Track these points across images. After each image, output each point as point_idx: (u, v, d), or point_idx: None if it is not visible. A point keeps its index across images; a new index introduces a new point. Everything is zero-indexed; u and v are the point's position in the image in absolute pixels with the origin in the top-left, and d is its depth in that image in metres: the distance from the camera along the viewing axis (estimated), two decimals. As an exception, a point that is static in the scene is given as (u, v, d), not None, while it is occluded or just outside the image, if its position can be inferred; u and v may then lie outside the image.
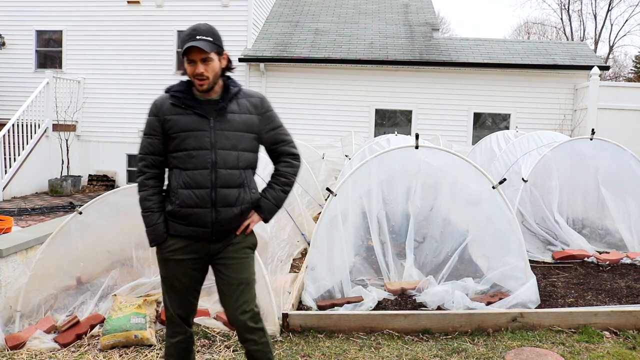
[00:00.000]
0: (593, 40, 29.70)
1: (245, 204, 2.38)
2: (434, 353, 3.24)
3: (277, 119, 2.51)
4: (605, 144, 5.86)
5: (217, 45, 2.37)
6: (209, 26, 2.38)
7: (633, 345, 3.37)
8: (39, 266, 3.70)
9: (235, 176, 2.35)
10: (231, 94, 2.38)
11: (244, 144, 2.38)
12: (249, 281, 2.40)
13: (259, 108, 2.44)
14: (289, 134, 2.52)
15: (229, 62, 2.46)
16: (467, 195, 4.46)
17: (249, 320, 2.36)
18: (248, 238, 2.46)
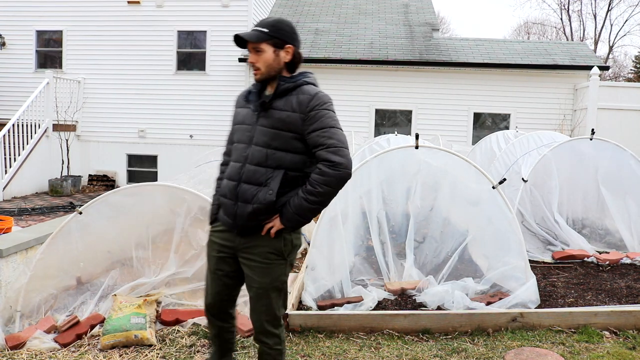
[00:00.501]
0: (593, 40, 29.72)
1: (258, 204, 2.25)
2: (434, 353, 3.24)
3: (323, 119, 2.24)
4: (605, 144, 5.86)
5: (272, 37, 2.27)
6: (274, 19, 2.33)
7: (633, 345, 3.37)
8: (39, 266, 3.70)
9: (259, 174, 2.28)
10: (280, 89, 2.30)
11: (278, 143, 2.27)
12: (270, 287, 2.33)
13: (304, 106, 2.26)
14: (332, 137, 2.22)
15: (295, 57, 2.34)
16: (467, 195, 4.46)
17: (265, 323, 2.36)
18: (273, 242, 2.30)
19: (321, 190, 2.21)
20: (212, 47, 11.34)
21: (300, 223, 2.28)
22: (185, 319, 3.57)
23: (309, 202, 2.22)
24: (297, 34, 2.38)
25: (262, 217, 2.27)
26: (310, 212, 2.25)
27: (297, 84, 2.31)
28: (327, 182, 2.20)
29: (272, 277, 2.33)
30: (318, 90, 2.32)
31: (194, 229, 3.87)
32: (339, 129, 2.26)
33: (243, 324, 3.50)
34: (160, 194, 3.94)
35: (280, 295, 2.38)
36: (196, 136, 11.41)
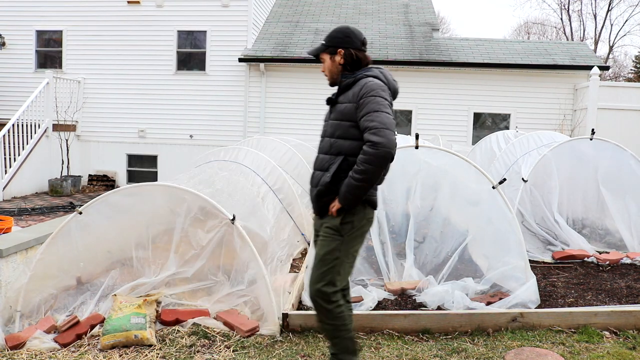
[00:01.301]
0: (593, 40, 29.71)
1: (321, 186, 2.61)
2: (434, 353, 3.24)
3: (370, 104, 2.51)
4: (605, 144, 5.86)
5: (327, 46, 2.72)
6: (333, 29, 2.73)
7: (633, 345, 3.37)
8: (39, 266, 3.70)
9: (324, 161, 2.67)
10: (341, 86, 2.68)
11: (340, 132, 2.62)
12: (323, 259, 2.59)
13: (356, 96, 2.57)
14: (374, 120, 2.47)
15: (345, 58, 2.69)
16: (467, 195, 4.46)
17: (314, 294, 2.60)
18: (333, 220, 2.59)
19: (364, 169, 2.45)
20: (212, 47, 11.33)
21: (352, 201, 2.52)
22: (185, 319, 3.57)
23: (355, 180, 2.47)
24: (352, 36, 2.71)
25: (324, 198, 2.60)
26: (358, 189, 2.49)
27: (356, 79, 2.63)
28: (368, 160, 2.44)
29: (326, 250, 2.59)
30: (369, 80, 2.59)
31: (194, 229, 3.87)
32: (382, 112, 2.49)
33: (243, 323, 3.50)
34: (160, 194, 3.94)
35: (329, 271, 2.57)
36: (196, 136, 11.41)
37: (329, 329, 2.63)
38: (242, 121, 11.35)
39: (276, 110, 11.29)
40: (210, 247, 3.82)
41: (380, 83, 2.58)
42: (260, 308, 3.65)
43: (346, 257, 2.61)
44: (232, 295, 3.76)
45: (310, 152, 8.65)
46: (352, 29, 2.74)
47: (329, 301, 2.57)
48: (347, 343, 2.67)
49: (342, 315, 2.61)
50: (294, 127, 11.11)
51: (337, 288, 2.60)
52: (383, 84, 2.61)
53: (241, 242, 3.72)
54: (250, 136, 10.75)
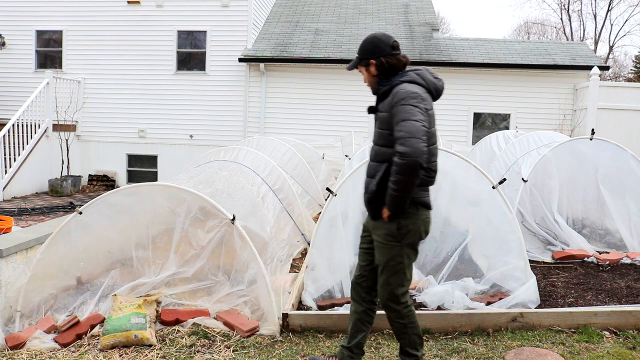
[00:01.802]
0: (593, 40, 29.71)
1: (369, 193, 2.71)
2: (434, 353, 3.24)
3: (400, 114, 2.55)
4: (605, 144, 5.85)
5: (361, 59, 2.78)
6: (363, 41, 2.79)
7: (633, 345, 3.37)
8: (39, 266, 3.70)
9: (372, 168, 2.75)
10: (379, 93, 2.74)
11: (382, 140, 2.70)
12: (387, 265, 2.69)
13: (390, 105, 2.62)
14: (402, 129, 2.50)
15: (377, 67, 2.74)
16: (467, 195, 4.46)
17: (384, 298, 2.74)
18: (388, 226, 2.67)
19: (395, 179, 2.52)
20: (212, 47, 11.33)
21: (396, 209, 2.59)
22: (185, 319, 3.57)
23: (392, 191, 2.55)
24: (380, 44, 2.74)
25: (374, 204, 2.69)
26: (397, 199, 2.56)
27: (392, 86, 2.68)
28: (397, 171, 2.50)
29: (388, 257, 2.69)
30: (402, 87, 2.61)
31: (194, 229, 3.87)
32: (411, 121, 2.51)
33: (243, 323, 3.50)
34: (160, 194, 3.93)
35: (397, 275, 2.69)
36: (196, 136, 11.41)
37: (398, 326, 2.77)
38: (242, 121, 11.35)
39: (276, 110, 11.29)
40: (210, 247, 3.83)
41: (411, 89, 2.59)
42: (260, 308, 3.65)
43: (408, 258, 2.71)
44: (232, 295, 3.76)
45: (310, 152, 8.66)
46: (379, 36, 2.76)
47: (398, 302, 2.72)
48: (414, 338, 2.80)
49: (410, 314, 2.76)
50: (294, 127, 11.11)
51: (406, 288, 2.75)
52: (418, 87, 2.64)
53: (241, 242, 3.72)
54: (250, 136, 10.76)
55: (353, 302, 2.93)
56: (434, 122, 2.72)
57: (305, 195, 6.98)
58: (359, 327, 2.90)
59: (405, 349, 2.82)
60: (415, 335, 2.80)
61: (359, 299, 2.91)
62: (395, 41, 2.77)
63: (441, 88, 2.78)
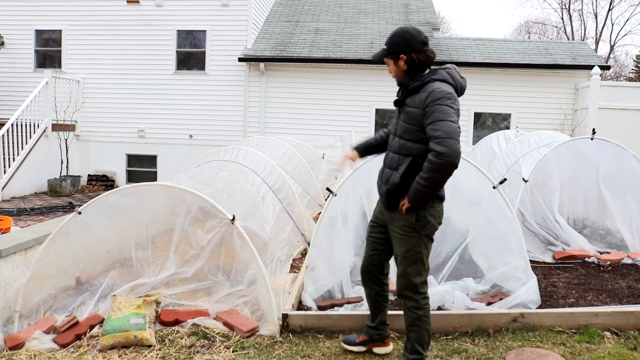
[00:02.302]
0: (594, 39, 29.70)
1: (390, 185, 2.80)
2: (435, 353, 3.23)
3: (436, 113, 2.61)
4: (606, 144, 5.84)
5: (389, 52, 2.79)
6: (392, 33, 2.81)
7: (634, 346, 3.36)
8: (38, 266, 3.69)
9: (394, 160, 2.83)
10: (408, 89, 2.78)
11: (408, 135, 2.76)
12: (406, 256, 2.80)
13: (423, 103, 2.67)
14: (439, 129, 2.58)
15: (407, 63, 2.75)
16: (467, 195, 4.44)
17: (402, 287, 2.84)
18: (407, 217, 2.78)
19: (428, 177, 2.61)
20: (212, 46, 11.32)
21: (420, 203, 2.71)
22: (185, 319, 3.56)
23: (421, 186, 2.64)
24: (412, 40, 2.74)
25: (393, 196, 2.79)
26: (423, 194, 2.67)
27: (423, 82, 2.72)
28: (432, 169, 2.59)
29: (407, 247, 2.79)
30: (437, 86, 2.66)
31: (193, 229, 3.86)
32: (448, 121, 2.58)
33: (242, 324, 3.49)
34: (160, 194, 3.92)
35: (415, 264, 2.80)
36: (196, 136, 11.39)
37: (413, 318, 2.83)
38: (242, 121, 11.34)
39: (276, 110, 11.28)
40: (210, 247, 3.81)
41: (446, 89, 2.65)
42: (260, 308, 3.63)
43: (426, 248, 2.83)
44: (231, 296, 3.75)
45: (310, 152, 8.64)
46: (411, 31, 2.77)
47: (417, 292, 2.82)
48: (424, 335, 2.86)
49: (426, 307, 2.84)
50: (294, 127, 11.10)
51: (424, 278, 2.84)
52: (450, 87, 2.70)
53: (241, 242, 3.71)
54: (250, 136, 10.75)
55: (365, 287, 3.12)
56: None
57: (305, 195, 6.97)
58: (377, 308, 3.12)
59: (412, 344, 2.87)
60: (426, 331, 2.86)
61: (371, 284, 3.09)
62: (426, 37, 2.80)
63: (465, 87, 2.83)
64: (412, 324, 2.85)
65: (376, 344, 3.19)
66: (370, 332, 3.18)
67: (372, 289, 3.11)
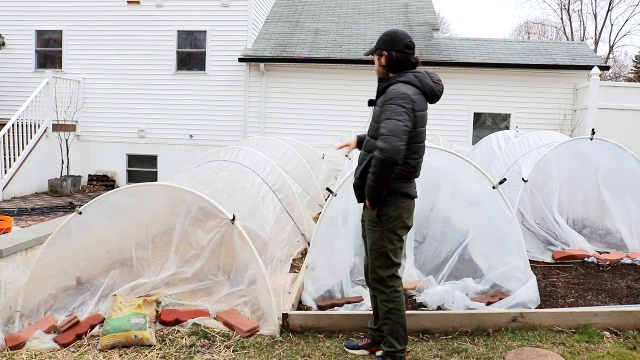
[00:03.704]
0: (593, 40, 29.70)
1: (355, 180, 2.95)
2: (434, 353, 3.24)
3: (386, 112, 2.74)
4: (606, 144, 5.85)
5: (376, 48, 2.91)
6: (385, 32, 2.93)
7: (633, 346, 3.37)
8: (38, 266, 3.70)
9: (361, 156, 2.97)
10: (379, 89, 2.91)
11: (372, 132, 2.91)
12: (372, 249, 2.94)
13: (382, 102, 2.81)
14: (385, 127, 2.72)
15: (387, 60, 2.88)
16: (467, 195, 4.45)
17: (373, 278, 2.97)
18: (371, 212, 2.91)
19: (373, 171, 2.76)
20: (212, 47, 11.33)
21: (373, 197, 2.82)
22: (185, 319, 3.57)
23: (370, 181, 2.79)
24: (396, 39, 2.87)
25: (359, 190, 2.92)
26: (372, 189, 2.79)
27: (390, 83, 2.84)
28: (375, 164, 2.73)
29: (372, 241, 2.93)
30: (395, 87, 2.78)
31: (193, 229, 3.87)
32: (394, 119, 2.70)
33: (243, 324, 3.50)
34: (160, 194, 3.93)
35: (381, 258, 2.90)
36: (196, 136, 11.40)
37: (384, 310, 2.93)
38: (242, 121, 11.35)
39: (276, 110, 11.28)
40: (210, 247, 3.82)
41: (403, 90, 2.75)
42: (260, 308, 3.64)
43: (391, 243, 2.89)
44: (232, 296, 3.75)
45: (310, 152, 8.65)
46: (398, 32, 2.92)
47: (385, 285, 2.91)
48: (398, 328, 2.93)
49: (397, 300, 2.92)
50: (294, 127, 11.10)
51: (392, 272, 2.93)
52: (412, 88, 2.79)
53: (241, 242, 3.72)
54: (250, 136, 10.75)
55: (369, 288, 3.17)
56: (424, 122, 2.88)
57: (305, 195, 6.97)
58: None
59: (387, 336, 2.97)
60: (399, 324, 2.94)
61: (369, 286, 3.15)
62: (412, 41, 2.92)
63: (439, 92, 2.91)
64: (384, 317, 2.95)
65: (379, 347, 3.18)
66: (374, 334, 3.20)
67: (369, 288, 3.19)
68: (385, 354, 2.97)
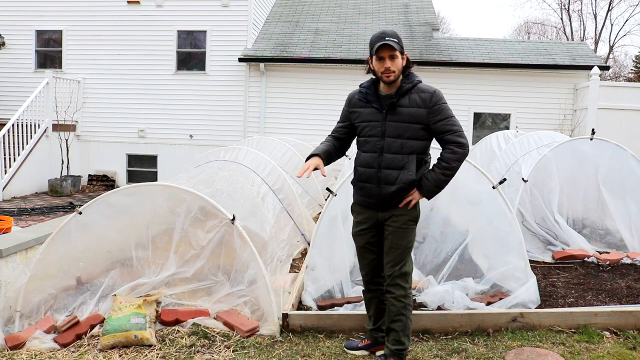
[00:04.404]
0: (593, 40, 29.70)
1: (401, 184, 2.84)
2: (434, 353, 3.24)
3: (445, 111, 2.83)
4: (606, 144, 5.85)
5: (401, 47, 2.83)
6: (394, 31, 2.88)
7: (633, 346, 3.37)
8: (38, 266, 3.70)
9: (396, 160, 2.86)
10: (403, 90, 2.86)
11: (409, 133, 2.85)
12: (406, 247, 2.92)
13: (428, 102, 2.82)
14: (456, 124, 2.83)
15: (407, 62, 2.90)
16: (467, 195, 4.45)
17: (396, 275, 2.91)
18: (410, 211, 2.91)
19: (454, 165, 2.82)
20: (212, 47, 11.33)
21: (436, 193, 2.89)
22: (185, 319, 3.57)
23: (445, 176, 2.83)
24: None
25: (403, 194, 2.87)
26: (445, 183, 2.86)
27: (414, 84, 2.87)
28: (458, 159, 2.81)
29: (408, 239, 2.93)
30: (434, 87, 2.87)
31: (193, 229, 3.87)
32: (454, 117, 2.84)
33: (243, 324, 3.50)
34: (160, 194, 3.93)
35: (407, 254, 2.94)
36: (196, 136, 11.40)
37: (400, 307, 2.91)
38: (242, 121, 11.35)
39: (276, 110, 11.28)
40: (210, 247, 3.82)
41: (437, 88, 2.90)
42: (260, 308, 3.64)
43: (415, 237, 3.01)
44: (232, 295, 3.75)
45: (310, 152, 8.63)
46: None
47: (407, 281, 2.93)
48: (409, 324, 2.96)
49: (411, 296, 2.97)
50: (294, 127, 11.10)
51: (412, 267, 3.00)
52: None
53: (241, 242, 3.72)
54: (250, 136, 10.75)
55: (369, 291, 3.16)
56: None
57: (305, 195, 6.98)
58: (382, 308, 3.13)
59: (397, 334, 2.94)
60: (410, 321, 2.97)
61: (372, 286, 3.14)
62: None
63: None
64: (399, 313, 2.91)
65: (380, 347, 3.19)
66: (375, 335, 3.21)
67: (377, 292, 3.12)
68: (394, 352, 2.95)
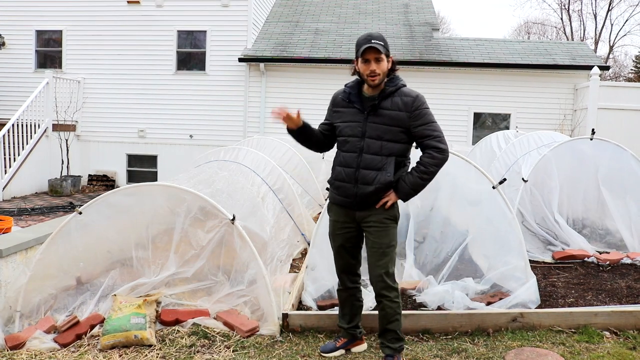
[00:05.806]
0: (593, 40, 29.70)
1: (379, 184, 2.84)
2: (434, 353, 3.24)
3: (426, 116, 2.84)
4: (606, 144, 5.85)
5: (387, 50, 2.85)
6: (380, 34, 2.89)
7: (633, 346, 3.37)
8: (38, 266, 3.70)
9: (375, 161, 2.86)
10: (386, 92, 2.88)
11: (389, 136, 2.86)
12: (388, 246, 2.90)
13: (409, 106, 2.84)
14: (437, 130, 2.85)
15: (393, 65, 2.92)
16: (467, 195, 4.45)
17: (386, 278, 2.89)
18: (388, 211, 2.91)
19: (432, 170, 2.84)
20: (212, 47, 11.33)
21: (412, 196, 2.90)
22: (185, 319, 3.57)
23: (423, 180, 2.85)
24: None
25: (380, 194, 2.86)
26: (422, 187, 2.88)
27: (397, 87, 2.89)
28: (437, 163, 2.83)
29: (389, 238, 2.92)
30: (417, 92, 2.89)
31: (193, 229, 3.87)
32: (435, 122, 2.86)
33: (243, 324, 3.50)
34: (160, 194, 3.93)
35: (390, 254, 2.92)
36: (196, 136, 11.40)
37: (394, 307, 2.93)
38: (242, 121, 11.35)
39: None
40: (210, 247, 3.82)
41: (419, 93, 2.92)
42: (260, 308, 3.64)
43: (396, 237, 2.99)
44: (232, 296, 3.75)
45: (310, 152, 8.62)
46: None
47: (394, 281, 2.93)
48: (402, 320, 3.01)
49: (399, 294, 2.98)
50: (293, 127, 11.07)
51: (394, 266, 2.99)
52: None
53: (241, 242, 3.72)
54: (250, 136, 10.74)
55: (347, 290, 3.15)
56: None
57: (305, 195, 6.97)
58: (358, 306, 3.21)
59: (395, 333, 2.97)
60: (402, 317, 3.01)
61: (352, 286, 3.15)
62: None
63: None
64: (395, 314, 2.94)
65: (356, 343, 3.26)
66: (352, 332, 3.24)
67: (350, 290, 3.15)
68: (396, 349, 2.98)
